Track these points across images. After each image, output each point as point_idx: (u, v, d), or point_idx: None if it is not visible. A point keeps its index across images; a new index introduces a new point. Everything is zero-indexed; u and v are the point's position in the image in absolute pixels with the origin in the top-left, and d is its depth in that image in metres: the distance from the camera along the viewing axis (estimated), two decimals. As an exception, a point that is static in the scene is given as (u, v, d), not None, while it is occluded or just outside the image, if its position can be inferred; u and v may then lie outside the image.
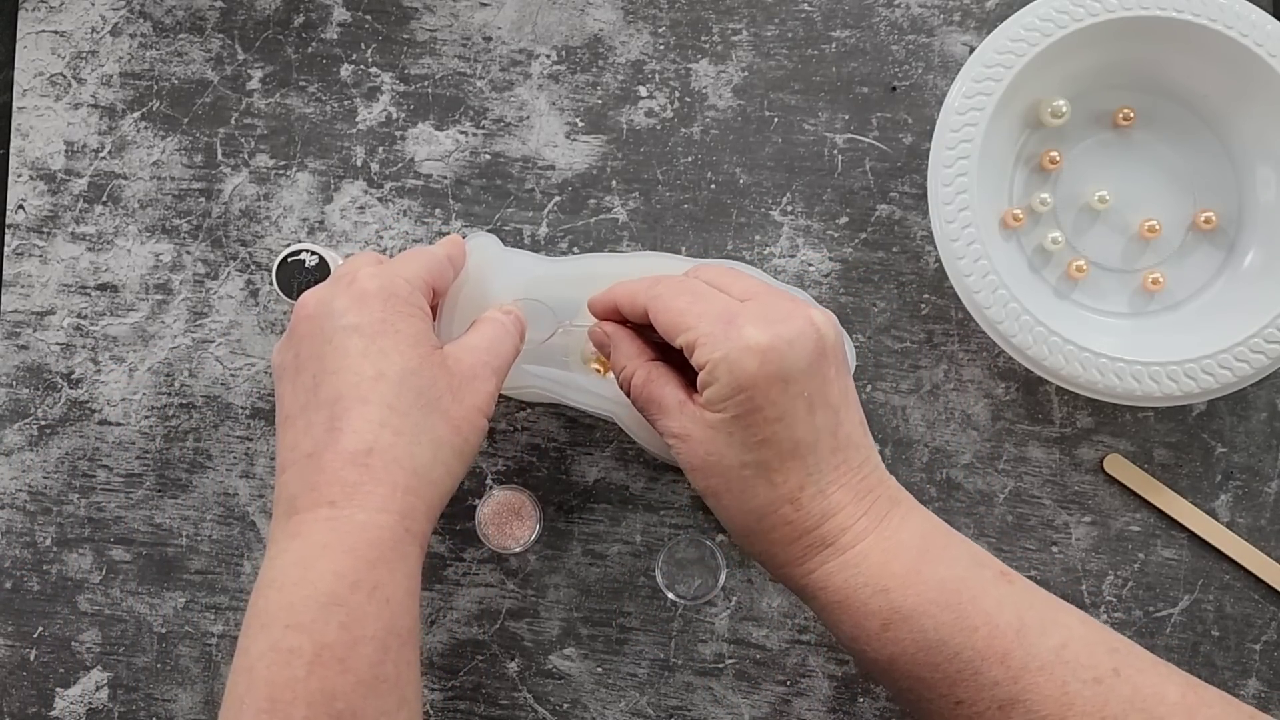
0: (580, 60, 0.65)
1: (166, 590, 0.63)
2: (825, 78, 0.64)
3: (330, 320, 0.49)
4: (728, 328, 0.47)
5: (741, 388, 0.46)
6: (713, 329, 0.47)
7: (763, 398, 0.46)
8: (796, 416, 0.47)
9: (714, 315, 0.47)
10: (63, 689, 0.63)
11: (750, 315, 0.47)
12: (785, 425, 0.47)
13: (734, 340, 0.46)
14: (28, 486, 0.64)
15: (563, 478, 0.63)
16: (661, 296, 0.49)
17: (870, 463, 0.49)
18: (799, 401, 0.47)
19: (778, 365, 0.46)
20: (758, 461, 0.47)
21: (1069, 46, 0.58)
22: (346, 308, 0.49)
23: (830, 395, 0.48)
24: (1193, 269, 0.62)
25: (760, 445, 0.47)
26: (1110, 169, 0.62)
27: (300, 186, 0.64)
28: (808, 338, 0.47)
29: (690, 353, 0.48)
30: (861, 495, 0.48)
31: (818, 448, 0.47)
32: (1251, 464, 0.62)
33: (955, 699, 0.47)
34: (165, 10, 0.66)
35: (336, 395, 0.47)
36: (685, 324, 0.48)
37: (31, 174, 0.65)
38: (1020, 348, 0.58)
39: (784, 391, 0.46)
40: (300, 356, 0.49)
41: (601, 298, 0.54)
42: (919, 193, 0.63)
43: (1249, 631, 0.62)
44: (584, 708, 0.62)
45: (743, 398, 0.46)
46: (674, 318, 0.48)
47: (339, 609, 0.45)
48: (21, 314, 0.65)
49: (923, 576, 0.47)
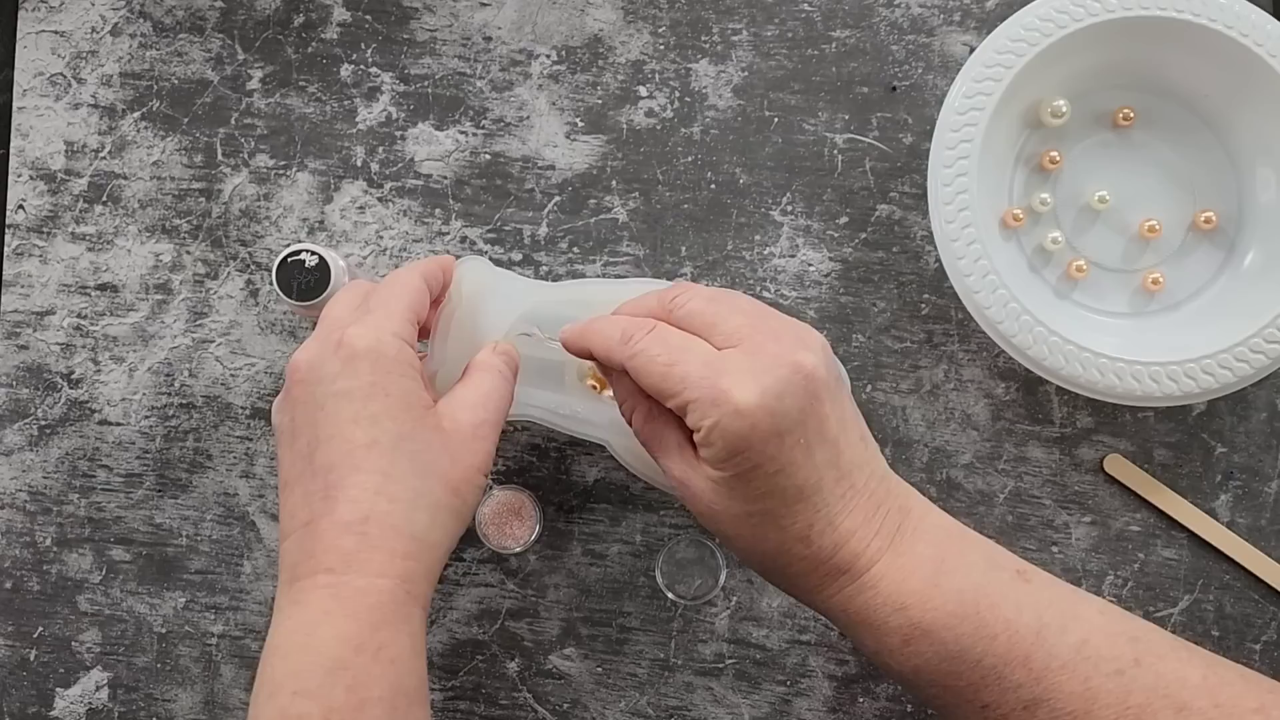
0: (580, 60, 0.65)
1: (166, 590, 0.63)
2: (825, 78, 0.64)
3: (321, 386, 0.48)
4: (714, 392, 0.45)
5: (736, 450, 0.46)
6: (699, 393, 0.46)
7: (759, 455, 0.46)
8: (796, 464, 0.46)
9: (697, 376, 0.46)
10: (63, 689, 0.63)
11: (735, 371, 0.46)
12: (786, 475, 0.46)
13: (723, 405, 0.45)
14: (28, 486, 0.64)
15: (563, 478, 0.63)
16: (639, 356, 0.47)
17: (875, 475, 0.49)
18: (796, 450, 0.46)
19: (770, 423, 0.45)
20: (763, 511, 0.47)
21: (1069, 46, 0.58)
22: (337, 373, 0.48)
23: (827, 431, 0.47)
24: (1193, 269, 0.62)
25: (763, 497, 0.47)
26: (1110, 169, 0.62)
27: (300, 186, 0.64)
28: (796, 386, 0.46)
29: (682, 415, 0.47)
30: (871, 514, 0.48)
31: (822, 486, 0.47)
32: (1251, 464, 0.62)
33: (981, 703, 0.47)
34: (165, 10, 0.66)
35: (330, 464, 0.47)
36: (670, 389, 0.47)
37: (31, 174, 0.65)
38: (1020, 348, 0.58)
39: (780, 445, 0.46)
40: (295, 421, 0.49)
41: (576, 339, 0.51)
42: (919, 193, 0.63)
43: (1249, 631, 0.62)
44: (584, 708, 0.62)
45: (739, 459, 0.46)
46: (657, 381, 0.47)
47: (344, 672, 0.45)
48: (21, 314, 0.65)
49: (940, 590, 0.47)
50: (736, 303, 0.49)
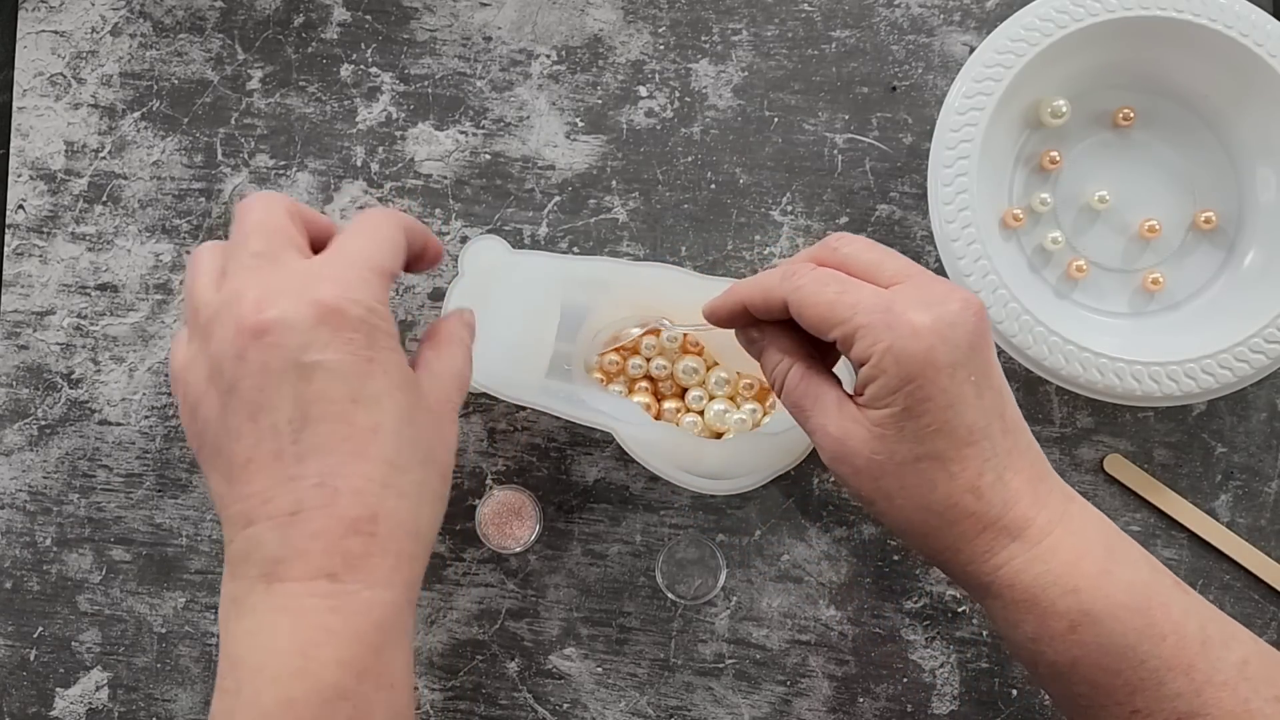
0: (580, 60, 0.65)
1: (166, 590, 0.63)
2: (825, 78, 0.64)
3: (305, 353, 0.41)
4: (886, 315, 0.44)
5: (910, 377, 0.44)
6: (870, 319, 0.44)
7: (932, 385, 0.44)
8: (966, 401, 0.44)
9: (868, 305, 0.44)
10: (63, 689, 0.63)
11: (907, 300, 0.44)
12: (957, 411, 0.44)
13: (896, 329, 0.44)
14: (28, 486, 0.64)
15: (563, 478, 0.63)
16: (804, 288, 0.46)
17: (1034, 449, 0.47)
18: (967, 386, 0.44)
19: (944, 350, 0.44)
20: (933, 453, 0.44)
21: (1069, 46, 0.58)
22: (325, 341, 0.41)
23: (993, 377, 0.45)
24: (1193, 269, 0.62)
25: (934, 435, 0.44)
26: (1110, 169, 0.62)
27: (300, 186, 0.64)
28: (968, 319, 0.44)
29: (848, 346, 0.45)
30: (1036, 483, 0.46)
31: (990, 432, 0.45)
32: (1251, 464, 0.62)
33: (1133, 707, 0.45)
34: (165, 10, 0.66)
35: (326, 447, 0.41)
36: (839, 316, 0.45)
37: (31, 174, 0.65)
38: (1020, 348, 0.58)
39: (952, 376, 0.44)
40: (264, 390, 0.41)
41: (725, 301, 0.50)
42: (919, 193, 0.63)
43: (1249, 631, 0.62)
44: (584, 708, 0.62)
45: (912, 387, 0.44)
46: (824, 311, 0.45)
47: (345, 702, 0.41)
48: (21, 314, 0.65)
49: (1113, 578, 0.45)
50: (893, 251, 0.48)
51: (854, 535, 0.62)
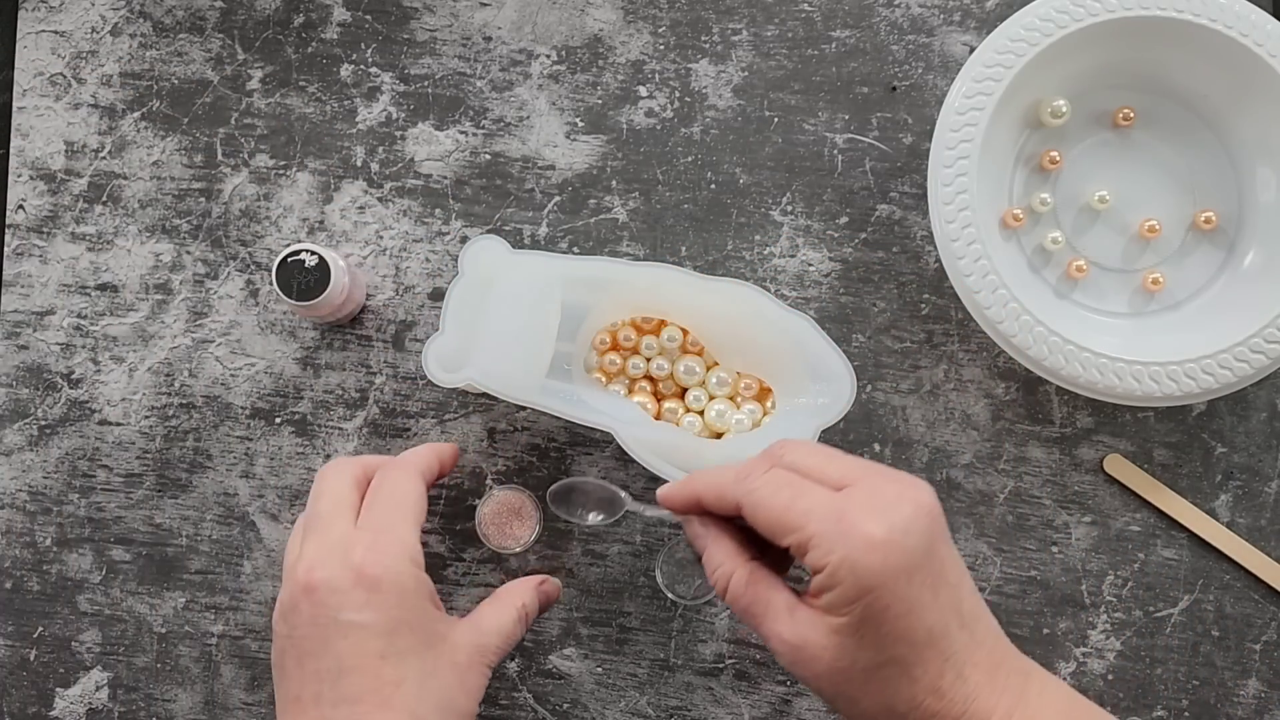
0: (580, 60, 0.65)
1: (166, 590, 0.63)
2: (825, 78, 0.64)
3: (343, 613, 0.48)
4: (840, 524, 0.44)
5: (867, 589, 0.43)
6: (823, 527, 0.44)
7: (889, 594, 0.43)
8: (924, 604, 0.44)
9: (821, 512, 0.44)
10: (63, 689, 0.63)
11: (859, 507, 0.44)
12: (916, 616, 0.44)
13: (851, 539, 0.43)
14: (28, 486, 0.64)
15: (563, 478, 0.63)
16: (757, 492, 0.46)
17: (993, 632, 0.47)
18: (924, 590, 0.44)
19: (900, 559, 0.43)
20: (894, 659, 0.44)
21: (1069, 46, 0.58)
22: (361, 603, 0.48)
23: (949, 573, 0.45)
24: (1193, 269, 0.62)
25: (894, 642, 0.44)
26: (1110, 169, 0.62)
27: (300, 186, 0.64)
28: (922, 523, 0.44)
29: (802, 554, 0.45)
30: (994, 671, 0.46)
31: (949, 630, 0.45)
32: (1251, 464, 0.62)
33: None
34: (165, 10, 0.66)
35: (357, 695, 0.48)
36: (792, 523, 0.45)
37: (31, 174, 0.65)
38: (1020, 348, 0.58)
39: (909, 583, 0.44)
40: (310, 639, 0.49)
41: (680, 490, 0.50)
42: (919, 193, 0.63)
43: (1249, 631, 0.62)
44: (584, 708, 0.62)
45: (870, 598, 0.43)
46: (778, 516, 0.45)
47: None
48: (21, 314, 0.65)
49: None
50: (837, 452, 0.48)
51: (854, 535, 0.62)
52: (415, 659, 0.49)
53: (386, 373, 0.64)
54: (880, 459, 0.62)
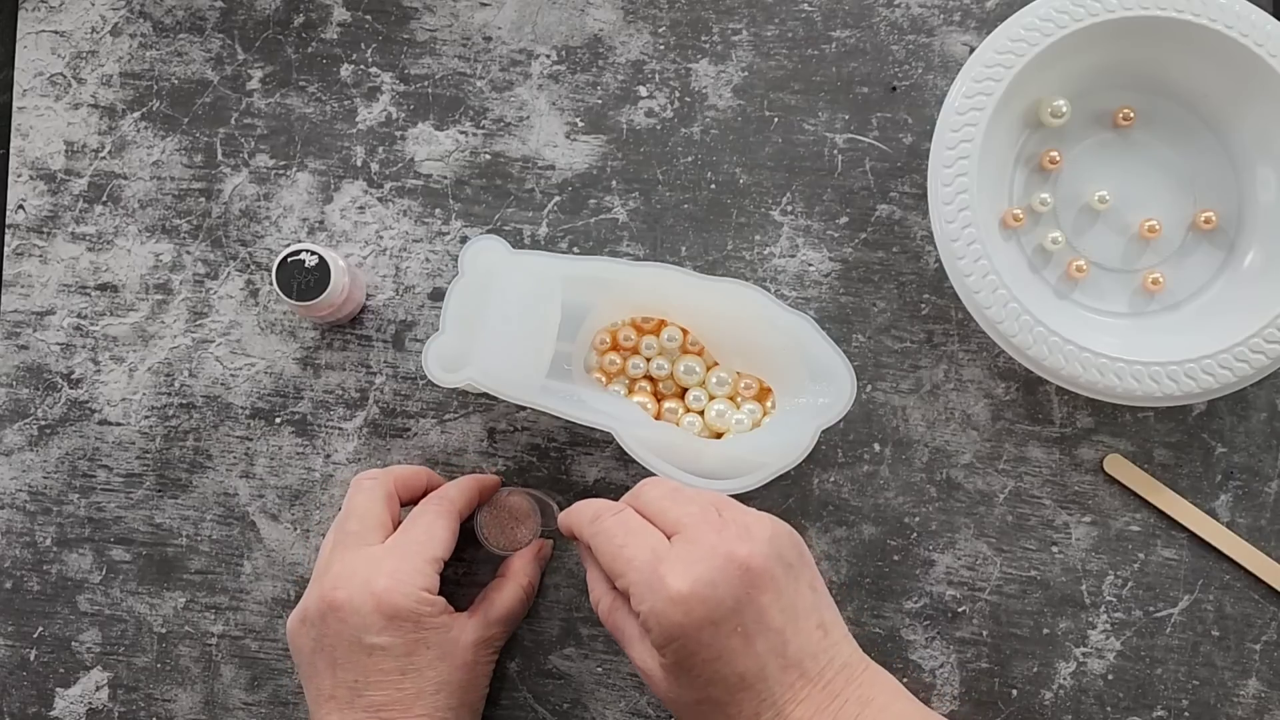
0: (580, 60, 0.65)
1: (166, 590, 0.63)
2: (825, 78, 0.64)
3: (364, 635, 0.53)
4: (651, 577, 0.47)
5: (673, 637, 0.47)
6: (640, 578, 0.48)
7: (694, 643, 0.47)
8: (734, 652, 0.47)
9: (641, 562, 0.48)
10: (63, 689, 0.63)
11: (671, 560, 0.48)
12: (725, 662, 0.47)
13: (658, 592, 0.47)
14: (28, 486, 0.64)
15: (563, 478, 0.63)
16: (599, 535, 0.51)
17: (834, 664, 0.49)
18: (733, 638, 0.47)
19: (702, 611, 0.47)
20: (709, 699, 0.48)
21: (1069, 46, 0.58)
22: (380, 628, 0.53)
23: (768, 620, 0.48)
24: (1193, 269, 0.62)
25: (706, 685, 0.48)
26: (1110, 169, 0.62)
27: (300, 186, 0.64)
28: (730, 575, 0.47)
29: (626, 599, 0.49)
30: (826, 704, 0.48)
31: (766, 673, 0.47)
32: (1251, 464, 0.62)
33: None
34: (165, 10, 0.66)
35: (381, 704, 0.53)
36: (618, 569, 0.49)
37: (31, 174, 0.65)
38: (1020, 348, 0.58)
39: (715, 632, 0.47)
40: (337, 652, 0.53)
41: (563, 518, 0.55)
42: (919, 193, 0.63)
43: (1249, 631, 0.62)
44: (584, 708, 0.62)
45: (676, 645, 0.47)
46: (608, 561, 0.50)
47: None
48: (21, 314, 0.65)
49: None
50: (697, 495, 0.51)
51: (854, 535, 0.62)
52: (431, 671, 0.54)
53: (386, 373, 0.64)
54: (880, 459, 0.62)
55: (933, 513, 0.62)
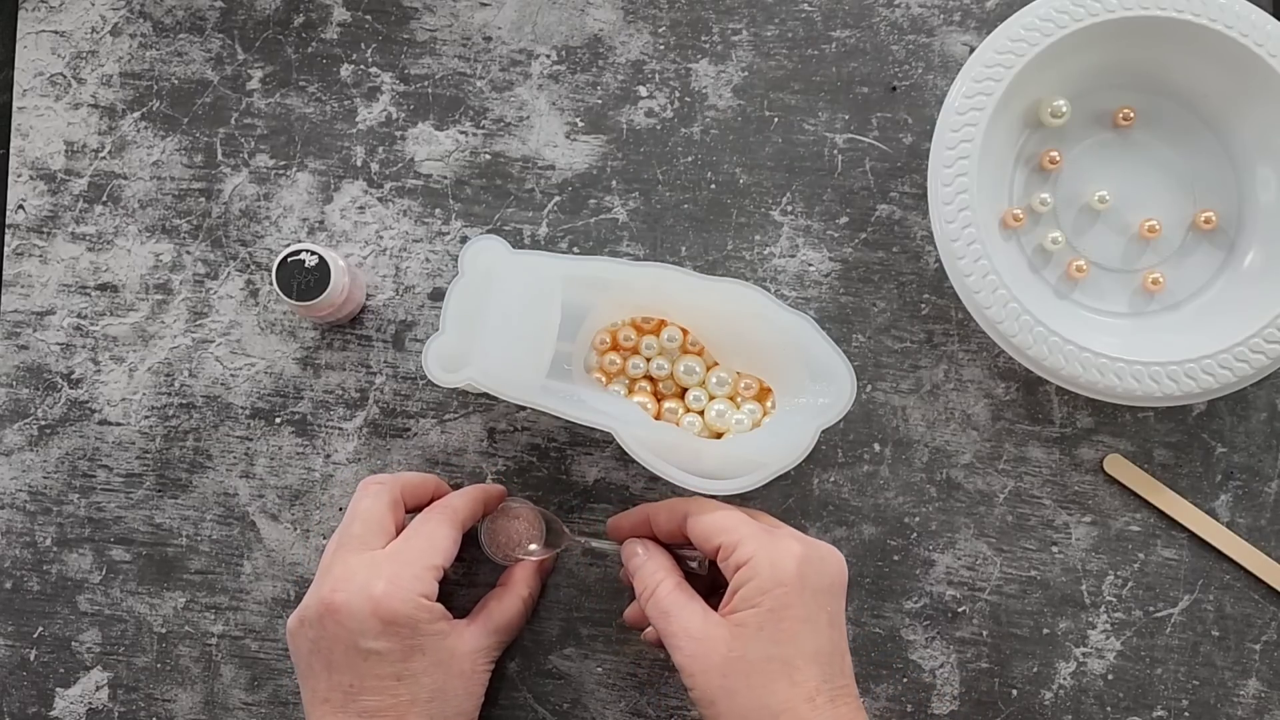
0: (580, 60, 0.65)
1: (166, 590, 0.63)
2: (825, 78, 0.64)
3: (361, 640, 0.53)
4: (768, 536, 0.52)
5: (780, 583, 0.51)
6: (755, 534, 0.52)
7: (795, 597, 0.51)
8: (819, 625, 0.51)
9: (754, 527, 0.53)
10: (63, 689, 0.63)
11: (787, 532, 0.54)
12: (810, 629, 0.51)
13: (776, 546, 0.52)
14: (28, 486, 0.64)
15: (563, 478, 0.63)
16: (705, 507, 0.55)
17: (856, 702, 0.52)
18: (822, 614, 0.52)
19: (811, 575, 0.52)
20: (782, 657, 0.50)
21: (1069, 46, 0.58)
22: (377, 632, 0.53)
23: (840, 623, 0.53)
24: (1193, 269, 0.62)
25: (786, 641, 0.50)
26: (1110, 169, 0.62)
27: (300, 186, 0.64)
28: (836, 562, 0.54)
29: (729, 553, 0.52)
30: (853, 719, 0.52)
31: (833, 661, 0.52)
32: (1251, 464, 0.62)
33: None
34: (165, 10, 0.66)
35: (375, 709, 0.53)
36: (729, 526, 0.53)
37: (31, 174, 0.65)
38: (1020, 348, 0.58)
39: (813, 599, 0.51)
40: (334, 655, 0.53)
41: (632, 514, 0.58)
42: (919, 193, 0.63)
43: (1249, 631, 0.62)
44: (584, 708, 0.62)
45: (780, 592, 0.51)
46: (718, 522, 0.53)
47: None
48: (21, 314, 0.65)
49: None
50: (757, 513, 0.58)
51: (854, 535, 0.62)
52: (427, 679, 0.54)
53: (386, 373, 0.64)
54: (880, 459, 0.62)
55: (933, 513, 0.62)
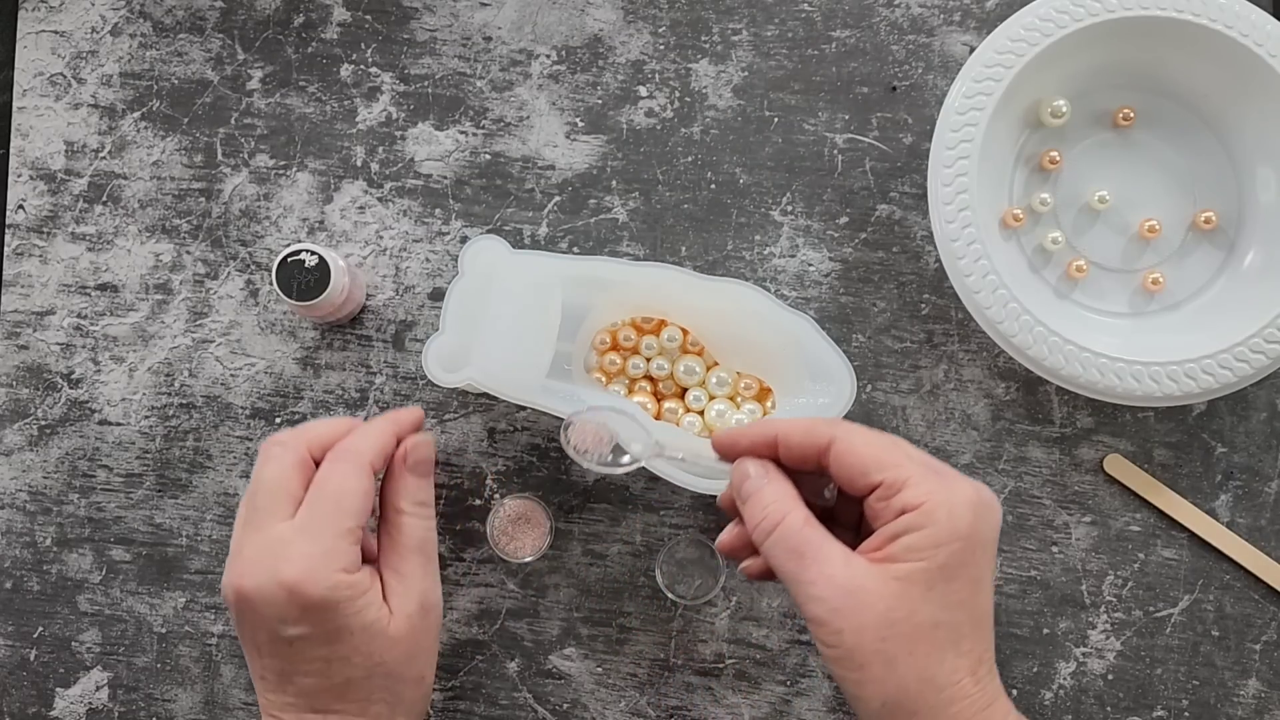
0: (580, 60, 0.65)
1: (166, 590, 0.63)
2: (825, 78, 0.64)
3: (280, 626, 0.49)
4: (938, 475, 0.44)
5: (959, 535, 0.43)
6: (925, 474, 0.44)
7: (970, 553, 0.43)
8: (986, 586, 0.45)
9: (921, 464, 0.44)
10: (63, 689, 0.63)
11: (953, 471, 0.45)
12: (981, 589, 0.44)
13: (951, 489, 0.44)
14: (28, 486, 0.64)
15: (563, 478, 0.63)
16: (855, 431, 0.45)
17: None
18: (988, 572, 0.45)
19: (984, 526, 0.44)
20: (952, 623, 0.43)
21: (1069, 46, 0.58)
22: (296, 618, 0.48)
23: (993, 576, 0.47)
24: (1193, 269, 0.62)
25: (959, 605, 0.43)
26: (1110, 169, 0.62)
27: (300, 186, 0.64)
28: (998, 508, 0.46)
29: (892, 493, 0.44)
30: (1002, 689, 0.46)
31: (992, 626, 0.45)
32: (1251, 464, 0.62)
33: None
34: (165, 10, 0.66)
35: (310, 692, 0.50)
36: (891, 460, 0.44)
37: (31, 174, 0.65)
38: (1020, 348, 0.58)
39: (985, 553, 0.44)
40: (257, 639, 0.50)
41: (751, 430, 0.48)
42: (919, 193, 0.63)
43: (1249, 631, 0.62)
44: (584, 708, 0.62)
45: (956, 548, 0.43)
46: (877, 452, 0.44)
47: None
48: (21, 314, 0.65)
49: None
50: None
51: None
52: (358, 658, 0.50)
53: (386, 373, 0.64)
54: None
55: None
